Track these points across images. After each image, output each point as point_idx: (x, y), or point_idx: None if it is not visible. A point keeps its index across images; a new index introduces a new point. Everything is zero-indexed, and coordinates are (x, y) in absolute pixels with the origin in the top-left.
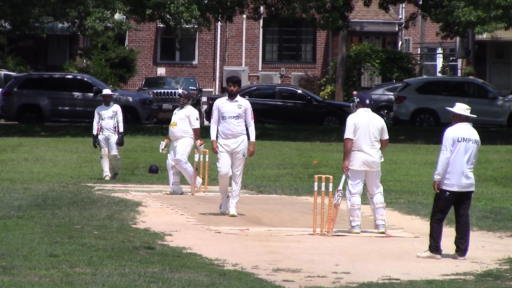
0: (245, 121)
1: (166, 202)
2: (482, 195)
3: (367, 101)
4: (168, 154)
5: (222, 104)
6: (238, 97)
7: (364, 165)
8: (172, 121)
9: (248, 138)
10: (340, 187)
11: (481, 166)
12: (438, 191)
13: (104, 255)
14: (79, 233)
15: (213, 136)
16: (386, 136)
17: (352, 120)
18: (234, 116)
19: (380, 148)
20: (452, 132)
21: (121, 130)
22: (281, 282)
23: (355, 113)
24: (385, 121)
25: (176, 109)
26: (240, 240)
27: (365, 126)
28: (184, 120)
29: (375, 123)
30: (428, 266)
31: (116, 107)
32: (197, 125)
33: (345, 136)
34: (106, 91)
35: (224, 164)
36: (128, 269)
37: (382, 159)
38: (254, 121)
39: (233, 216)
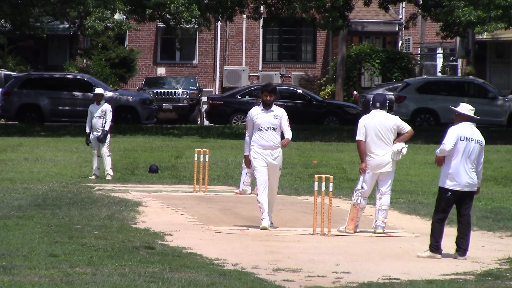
0: (282, 129)
1: (166, 202)
2: (482, 195)
3: (372, 103)
4: None
5: (257, 115)
6: (274, 106)
7: (377, 167)
8: None
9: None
10: (359, 186)
11: None
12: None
13: (104, 255)
14: (79, 233)
15: (247, 150)
16: (406, 129)
17: (363, 122)
18: (271, 128)
19: (405, 140)
20: (456, 131)
21: (106, 128)
22: (281, 282)
23: (368, 114)
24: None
25: None
26: (240, 240)
27: (374, 128)
28: None
29: (387, 123)
30: (428, 266)
31: (106, 107)
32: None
33: (356, 138)
34: (98, 90)
35: (262, 172)
36: (128, 269)
37: (405, 148)
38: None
39: (264, 229)
